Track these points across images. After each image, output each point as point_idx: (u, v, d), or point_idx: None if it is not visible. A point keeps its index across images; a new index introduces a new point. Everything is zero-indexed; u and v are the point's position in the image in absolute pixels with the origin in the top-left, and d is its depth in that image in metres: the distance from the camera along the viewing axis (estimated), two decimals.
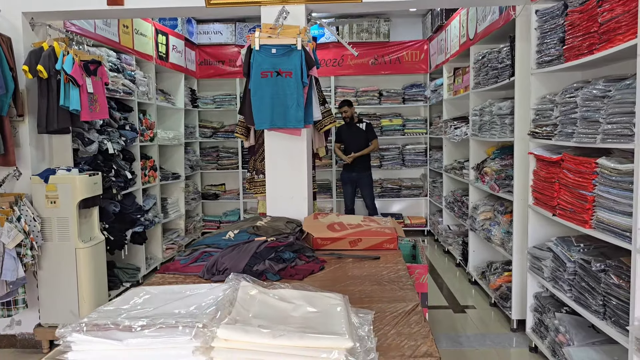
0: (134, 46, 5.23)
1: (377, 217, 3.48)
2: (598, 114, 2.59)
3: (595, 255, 2.78)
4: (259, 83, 3.12)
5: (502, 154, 4.48)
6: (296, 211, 3.62)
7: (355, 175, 6.81)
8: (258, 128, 3.18)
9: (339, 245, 3.18)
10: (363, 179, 6.83)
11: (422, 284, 3.66)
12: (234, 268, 2.67)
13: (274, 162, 3.63)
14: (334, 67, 7.50)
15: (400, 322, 2.01)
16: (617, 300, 2.49)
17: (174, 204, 6.46)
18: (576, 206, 2.85)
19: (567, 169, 2.97)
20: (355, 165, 6.76)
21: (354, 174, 6.83)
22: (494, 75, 4.37)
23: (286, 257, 2.77)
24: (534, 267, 3.47)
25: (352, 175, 6.84)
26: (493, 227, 4.44)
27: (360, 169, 6.81)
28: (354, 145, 6.71)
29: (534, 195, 3.50)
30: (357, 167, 6.78)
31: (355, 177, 6.83)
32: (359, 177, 6.82)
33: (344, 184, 6.99)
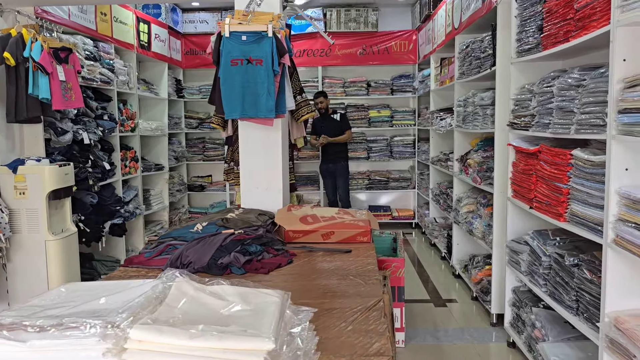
0: (112, 34, 5.12)
1: (352, 210, 3.40)
2: (573, 103, 2.51)
3: (570, 249, 2.71)
4: (229, 71, 3.03)
5: (486, 146, 4.41)
6: (271, 203, 3.54)
7: (332, 166, 6.79)
8: (228, 117, 3.09)
9: (311, 238, 3.11)
10: (339, 170, 6.78)
11: (399, 277, 3.61)
12: (198, 261, 2.59)
13: (248, 153, 3.54)
14: (322, 57, 7.40)
15: (358, 318, 1.93)
16: (589, 295, 2.42)
17: (157, 196, 6.37)
18: (552, 199, 2.78)
19: (544, 161, 2.89)
20: (331, 156, 6.77)
21: (330, 165, 6.81)
22: (477, 65, 4.28)
23: (253, 250, 2.69)
24: (512, 260, 3.40)
25: (329, 166, 6.82)
26: (475, 220, 4.37)
27: (336, 160, 6.78)
28: (329, 136, 6.65)
29: (513, 187, 3.42)
30: (332, 158, 6.77)
31: (332, 168, 6.80)
32: (335, 167, 6.78)
33: (323, 176, 7.00)
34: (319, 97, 6.64)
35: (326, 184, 7.00)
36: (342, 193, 6.79)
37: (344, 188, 6.81)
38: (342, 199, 6.77)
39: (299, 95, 3.80)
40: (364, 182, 7.53)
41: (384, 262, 3.58)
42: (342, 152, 6.82)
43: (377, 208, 7.65)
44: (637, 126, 2.00)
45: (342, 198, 6.77)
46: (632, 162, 2.15)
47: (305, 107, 3.85)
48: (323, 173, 6.96)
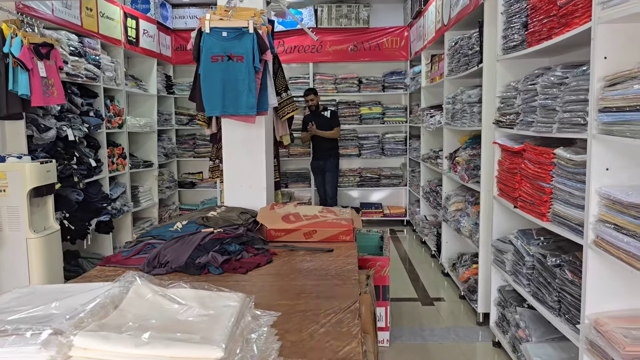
0: (99, 30, 5.06)
1: (336, 208, 3.37)
2: (555, 102, 2.48)
3: (553, 249, 2.68)
4: (209, 67, 2.98)
5: (474, 144, 4.37)
6: (254, 201, 3.50)
7: (322, 163, 6.76)
8: (208, 114, 3.05)
9: (293, 236, 3.07)
10: (328, 166, 6.75)
11: (384, 276, 3.58)
12: (175, 261, 2.56)
13: (231, 150, 3.50)
14: (313, 54, 7.35)
15: (332, 320, 1.90)
16: (570, 296, 2.39)
17: (146, 193, 6.33)
18: (535, 198, 2.75)
19: (528, 160, 2.86)
20: (321, 153, 6.75)
21: (320, 162, 6.78)
22: (465, 62, 4.25)
23: (231, 250, 2.65)
24: (497, 260, 3.38)
25: (319, 163, 6.80)
26: (463, 219, 4.34)
27: (326, 156, 6.74)
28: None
29: (499, 186, 3.39)
30: (323, 155, 6.75)
31: (322, 165, 6.77)
32: (325, 164, 6.75)
33: (314, 173, 7.00)
34: (309, 94, 6.61)
35: (317, 181, 6.99)
36: (330, 189, 6.76)
37: (331, 184, 6.77)
38: (329, 196, 6.74)
39: (284, 93, 3.75)
40: (355, 180, 7.49)
41: (368, 261, 3.55)
42: (332, 149, 6.79)
43: (368, 205, 7.62)
44: (617, 125, 1.96)
45: (329, 195, 6.74)
46: (612, 161, 2.12)
47: (289, 104, 3.80)
48: (313, 170, 6.94)
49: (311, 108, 6.62)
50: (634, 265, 1.84)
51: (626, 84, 1.90)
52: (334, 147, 6.84)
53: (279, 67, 3.78)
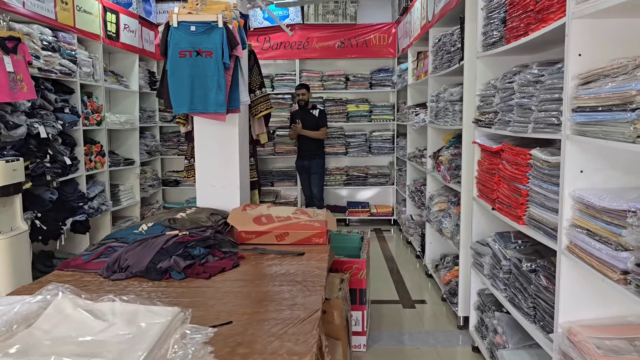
0: (75, 24, 4.93)
1: (310, 209, 3.26)
2: (531, 100, 2.38)
3: (529, 253, 2.59)
4: (177, 63, 2.87)
5: (457, 143, 4.28)
6: (228, 202, 3.41)
7: (307, 162, 6.64)
8: (176, 112, 2.94)
9: (264, 239, 2.97)
10: (314, 166, 6.63)
11: (360, 279, 3.48)
12: (136, 265, 2.45)
13: (204, 149, 3.40)
14: (299, 50, 7.24)
15: (289, 331, 1.80)
16: (545, 303, 2.30)
17: (128, 191, 6.20)
18: (512, 200, 2.65)
19: (506, 160, 2.76)
20: (307, 152, 6.63)
21: (305, 162, 6.66)
22: (447, 59, 4.15)
23: (196, 254, 2.55)
24: (477, 263, 3.28)
25: (304, 163, 6.68)
26: (445, 219, 4.25)
27: (312, 156, 6.63)
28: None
29: (478, 187, 3.30)
30: (308, 154, 6.63)
31: (307, 164, 6.65)
32: (310, 164, 6.63)
33: (299, 173, 6.88)
34: (301, 89, 6.51)
35: (302, 181, 6.88)
36: (316, 190, 6.65)
37: (318, 185, 6.66)
38: (315, 197, 6.63)
39: (258, 90, 3.64)
40: (342, 178, 7.39)
41: (344, 264, 3.45)
42: (318, 148, 6.68)
43: (355, 204, 7.52)
44: (590, 126, 1.87)
45: (315, 195, 6.63)
46: (587, 163, 2.03)
47: (264, 102, 3.69)
48: (299, 169, 6.83)
49: (300, 103, 6.50)
50: (605, 273, 1.75)
51: (599, 82, 1.81)
52: (320, 146, 6.73)
53: (255, 64, 3.67)
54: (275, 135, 7.34)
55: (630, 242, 1.63)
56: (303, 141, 6.63)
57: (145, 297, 2.16)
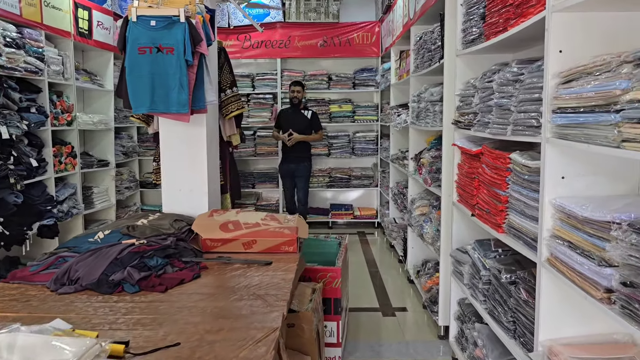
0: (42, 20, 4.72)
1: (281, 215, 3.09)
2: (510, 101, 2.23)
3: (509, 263, 2.44)
4: (136, 60, 2.69)
5: (438, 144, 4.12)
6: (195, 207, 3.23)
7: (294, 166, 6.27)
8: (135, 112, 2.75)
9: (231, 247, 2.80)
10: (300, 170, 6.28)
11: (335, 288, 3.31)
12: (87, 277, 2.27)
13: (169, 151, 3.22)
14: (281, 49, 7.07)
15: (241, 354, 1.63)
16: (525, 318, 2.15)
17: (102, 194, 5.99)
18: (491, 206, 2.50)
19: (486, 164, 2.61)
20: (294, 154, 6.24)
21: (292, 165, 6.28)
22: (428, 57, 4.00)
23: (152, 264, 2.37)
24: (457, 271, 3.13)
25: (290, 166, 6.30)
26: (426, 224, 4.10)
27: (299, 159, 6.26)
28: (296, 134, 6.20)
29: (458, 191, 3.15)
30: (296, 157, 6.25)
31: (293, 168, 6.29)
32: (297, 167, 6.27)
33: (283, 177, 6.46)
34: (297, 85, 6.18)
35: (285, 185, 6.50)
36: (301, 195, 6.37)
37: (303, 189, 6.36)
38: (301, 201, 6.37)
39: (229, 89, 3.46)
40: (325, 180, 7.23)
41: (318, 272, 3.28)
42: (306, 150, 6.35)
43: (338, 207, 7.36)
44: (572, 128, 1.71)
45: (301, 200, 6.36)
46: (569, 169, 1.88)
47: (235, 102, 3.50)
48: (283, 173, 6.45)
49: (293, 101, 6.19)
50: (587, 290, 1.60)
51: (581, 80, 1.66)
52: (308, 149, 6.40)
53: (226, 62, 3.49)
54: (257, 136, 7.16)
55: (614, 257, 1.48)
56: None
57: (91, 313, 1.98)
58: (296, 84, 6.24)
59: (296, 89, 6.18)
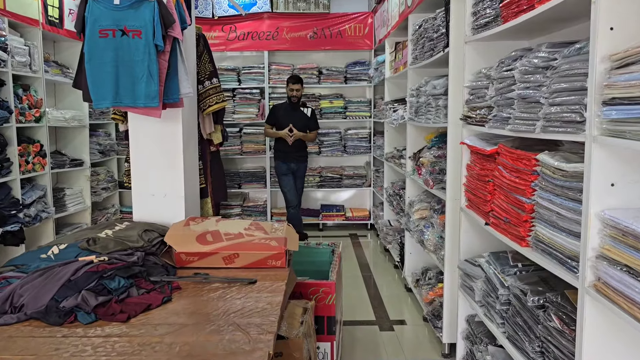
0: (5, 7, 4.30)
1: (268, 224, 2.71)
2: (539, 92, 1.87)
3: (534, 282, 2.09)
4: (96, 45, 2.30)
5: (440, 142, 3.78)
6: (170, 214, 2.85)
7: (294, 165, 5.86)
8: (97, 106, 2.36)
9: (209, 262, 2.42)
10: (300, 170, 5.94)
11: (329, 305, 2.95)
12: (33, 303, 1.89)
13: (141, 150, 2.83)
14: (268, 41, 6.67)
15: None
16: (558, 350, 1.80)
17: (76, 195, 5.57)
18: (512, 215, 2.15)
19: (503, 166, 2.26)
20: (295, 154, 5.82)
21: (292, 165, 5.85)
22: (430, 47, 3.64)
23: (113, 287, 1.99)
24: (465, 285, 2.78)
25: (290, 166, 5.86)
26: (427, 230, 3.74)
27: (299, 158, 5.90)
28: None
29: (467, 195, 2.80)
30: (296, 156, 5.85)
31: (294, 167, 5.87)
32: (298, 167, 5.90)
33: (282, 175, 5.90)
34: (296, 83, 5.72)
35: (286, 184, 5.90)
36: (299, 195, 6.05)
37: (300, 189, 6.04)
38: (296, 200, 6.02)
39: (207, 81, 3.08)
40: (315, 180, 6.86)
41: (310, 287, 2.91)
42: (304, 149, 5.99)
43: (329, 207, 7.00)
44: (631, 124, 1.36)
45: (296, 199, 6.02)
46: (620, 174, 1.53)
47: (214, 95, 3.11)
48: (282, 171, 5.88)
49: (292, 99, 5.73)
50: None
51: None
52: (306, 147, 6.03)
53: (205, 50, 3.11)
54: (243, 134, 6.77)
55: None
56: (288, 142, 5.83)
57: (30, 354, 1.60)
58: (295, 80, 5.74)
59: (295, 87, 5.70)
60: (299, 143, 5.81)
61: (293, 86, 5.70)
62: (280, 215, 6.87)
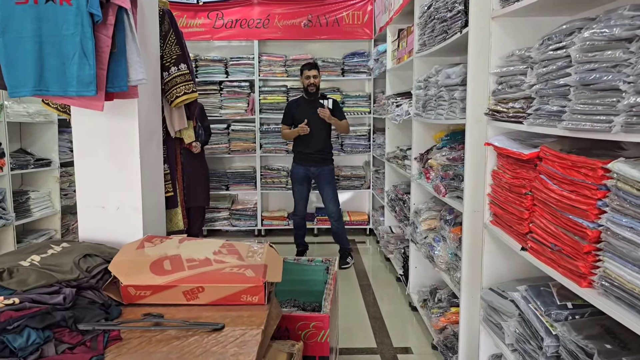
0: None
1: (245, 245, 2.16)
2: (618, 74, 1.32)
3: (597, 335, 1.54)
4: (11, 13, 1.73)
5: (453, 142, 3.24)
6: (125, 230, 2.29)
7: (314, 170, 5.03)
8: (13, 95, 1.79)
9: (166, 297, 1.87)
10: (324, 175, 5.04)
11: (321, 344, 2.39)
12: None
13: (86, 152, 2.28)
14: (258, 29, 6.11)
15: None
16: None
17: (42, 199, 5.01)
18: (565, 243, 1.60)
19: (549, 175, 1.72)
20: (315, 155, 5.02)
21: (311, 169, 5.03)
22: (442, 30, 3.09)
23: (19, 345, 1.44)
24: (490, 320, 2.24)
25: (309, 170, 5.05)
26: (437, 244, 3.20)
27: (321, 161, 5.03)
28: (316, 129, 4.92)
29: (494, 210, 2.25)
30: (317, 158, 5.03)
31: (314, 172, 5.05)
32: (319, 172, 5.04)
33: (296, 182, 5.15)
34: (312, 69, 4.93)
35: (297, 193, 5.17)
36: (332, 205, 5.11)
37: (333, 199, 5.09)
38: (332, 215, 5.13)
39: (174, 67, 2.51)
40: None
41: (298, 320, 2.36)
42: (328, 148, 5.12)
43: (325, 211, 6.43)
44: None
45: (332, 213, 5.12)
46: None
47: (182, 84, 2.53)
48: (297, 178, 5.14)
49: (309, 89, 4.95)
50: None
51: None
52: (330, 146, 5.17)
53: (171, 29, 2.54)
54: (231, 131, 6.21)
55: None
56: (308, 140, 4.96)
57: None
58: (310, 66, 4.96)
59: (311, 73, 4.91)
60: (321, 141, 5.02)
61: (309, 72, 4.93)
62: (272, 219, 6.32)
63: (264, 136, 6.21)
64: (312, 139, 4.96)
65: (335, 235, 5.20)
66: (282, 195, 6.50)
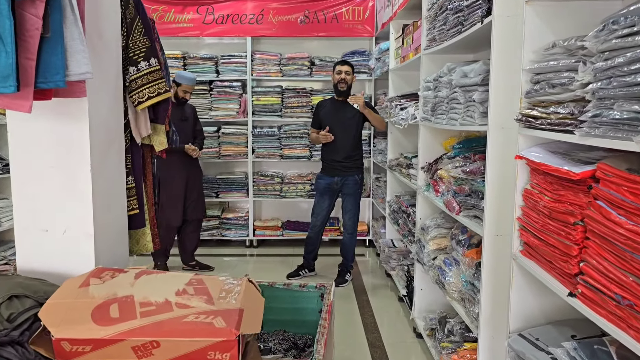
0: None
1: (217, 280, 1.74)
2: None
3: None
4: None
5: (467, 150, 2.83)
6: (72, 259, 1.88)
7: (339, 180, 4.60)
8: None
9: (111, 354, 1.46)
10: (349, 185, 4.60)
11: None
12: None
13: (24, 163, 1.86)
14: (252, 25, 5.69)
15: None
16: None
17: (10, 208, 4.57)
18: (635, 291, 1.18)
19: (611, 202, 1.30)
20: (342, 163, 4.57)
21: (336, 178, 4.60)
22: (455, 22, 2.67)
23: None
24: None
25: (333, 180, 4.61)
26: (449, 268, 2.78)
27: (345, 169, 4.58)
28: (342, 134, 4.53)
29: (525, 237, 1.83)
30: (343, 166, 4.58)
31: (338, 183, 4.61)
32: (344, 182, 4.60)
33: (320, 192, 4.72)
34: (344, 65, 4.57)
35: (317, 205, 4.75)
36: (349, 221, 4.71)
37: (352, 212, 4.68)
38: (348, 230, 4.73)
39: (143, 62, 2.09)
40: (305, 189, 5.88)
41: None
42: (357, 157, 4.65)
43: None
44: None
45: (348, 228, 4.72)
46: None
47: (151, 83, 2.09)
48: (320, 188, 4.71)
49: (340, 88, 4.53)
50: None
51: None
52: (360, 155, 4.70)
53: (137, 15, 2.12)
54: (221, 134, 5.79)
55: None
56: (334, 146, 4.54)
57: None
58: (342, 63, 4.61)
59: (343, 68, 4.53)
60: (349, 147, 4.56)
61: (341, 67, 4.55)
62: (265, 229, 5.90)
63: (257, 140, 5.79)
64: (338, 145, 4.55)
65: (343, 247, 4.77)
66: (276, 204, 6.09)
